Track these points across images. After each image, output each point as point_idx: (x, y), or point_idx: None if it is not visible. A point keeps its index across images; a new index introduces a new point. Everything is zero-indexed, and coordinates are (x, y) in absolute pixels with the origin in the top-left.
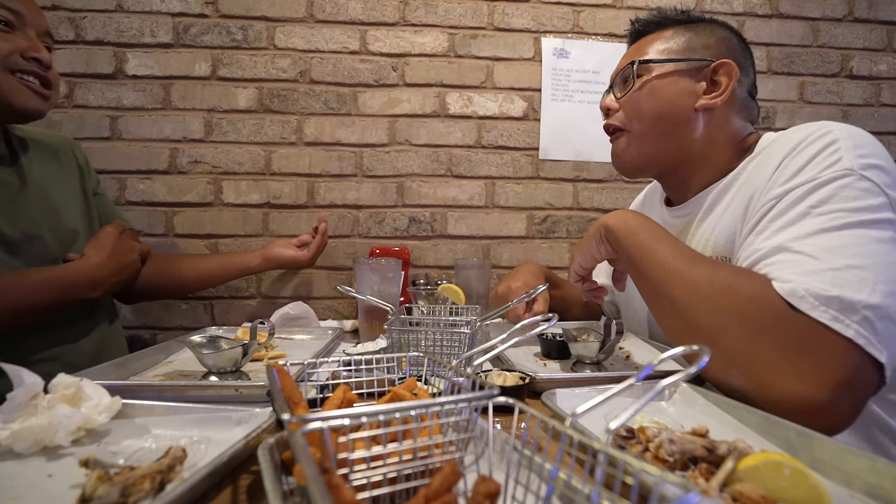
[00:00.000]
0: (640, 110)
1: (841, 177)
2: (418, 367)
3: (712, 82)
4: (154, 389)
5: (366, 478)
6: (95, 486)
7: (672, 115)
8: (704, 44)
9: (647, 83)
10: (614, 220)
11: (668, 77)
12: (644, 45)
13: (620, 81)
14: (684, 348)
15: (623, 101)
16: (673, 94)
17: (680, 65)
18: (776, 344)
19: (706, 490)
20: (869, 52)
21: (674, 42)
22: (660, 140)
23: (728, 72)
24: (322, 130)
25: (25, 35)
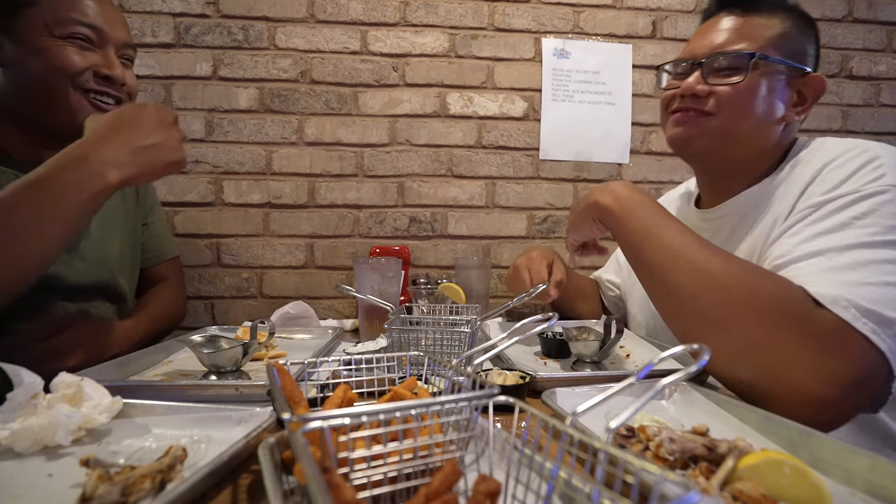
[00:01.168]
0: (739, 107)
1: (884, 192)
2: (418, 366)
3: (800, 94)
4: (155, 389)
5: (366, 477)
6: (96, 486)
7: (763, 121)
8: (804, 50)
9: (754, 80)
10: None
11: (772, 77)
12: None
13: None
14: (684, 347)
15: (722, 93)
16: (771, 99)
17: (786, 68)
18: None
19: (706, 489)
20: (868, 53)
21: (784, 36)
22: (743, 139)
23: (816, 87)
24: (323, 130)
25: (103, 52)
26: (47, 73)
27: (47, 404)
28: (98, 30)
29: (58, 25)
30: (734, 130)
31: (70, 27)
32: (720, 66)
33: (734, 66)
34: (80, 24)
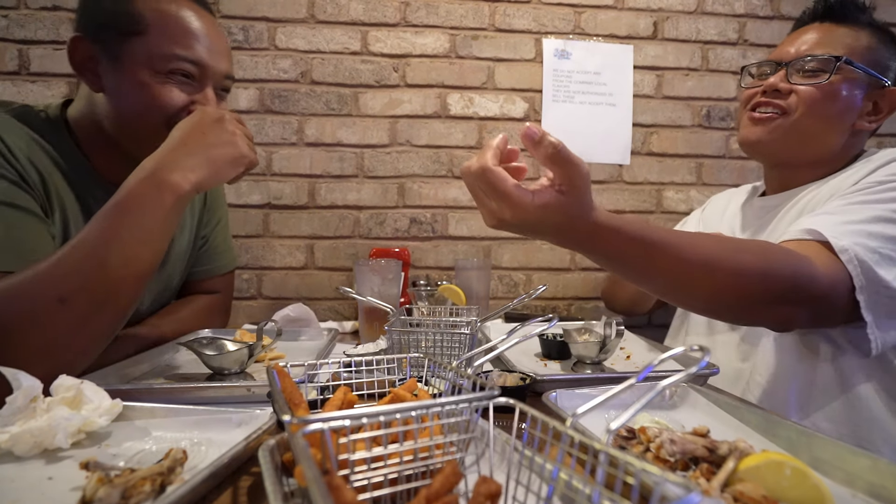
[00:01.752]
0: (816, 107)
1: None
2: (419, 368)
3: (875, 105)
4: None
5: (367, 479)
6: (96, 489)
7: (835, 123)
8: (886, 63)
9: (836, 83)
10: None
11: (853, 84)
12: (838, 36)
13: (803, 66)
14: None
15: (803, 91)
16: (848, 105)
17: (865, 76)
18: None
19: (707, 490)
20: None
21: (869, 48)
22: (811, 141)
23: (893, 100)
24: (323, 131)
25: (202, 87)
26: (144, 109)
27: (46, 407)
28: (200, 65)
29: (161, 60)
30: (807, 129)
31: (172, 63)
32: (804, 69)
33: (818, 68)
34: (184, 60)
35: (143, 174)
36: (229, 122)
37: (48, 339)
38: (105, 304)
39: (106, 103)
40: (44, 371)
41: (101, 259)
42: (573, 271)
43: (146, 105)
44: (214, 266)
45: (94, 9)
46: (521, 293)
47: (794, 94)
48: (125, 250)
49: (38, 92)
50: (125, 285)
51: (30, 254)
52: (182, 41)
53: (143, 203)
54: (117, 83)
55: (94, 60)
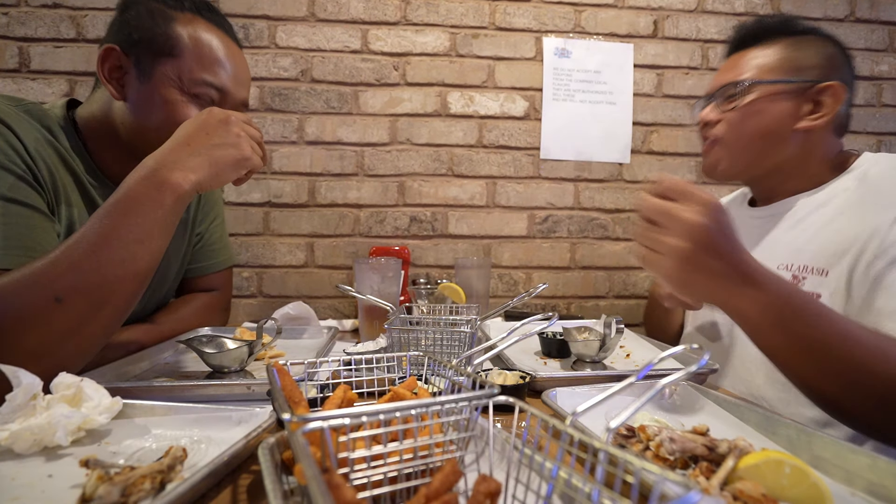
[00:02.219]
0: (742, 128)
1: None
2: (418, 366)
3: (816, 103)
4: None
5: (366, 477)
6: (96, 486)
7: (772, 134)
8: (812, 63)
9: (753, 102)
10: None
11: (775, 97)
12: (749, 60)
13: (723, 96)
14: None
15: (727, 116)
16: (777, 115)
17: (787, 85)
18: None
19: (707, 489)
20: (870, 53)
21: (781, 59)
22: (756, 155)
23: (834, 94)
24: (323, 129)
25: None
26: (164, 124)
27: (46, 405)
28: (223, 92)
29: (189, 83)
30: (742, 147)
31: (199, 87)
32: (725, 97)
33: (733, 94)
34: (210, 85)
35: (144, 172)
36: (235, 123)
37: (44, 339)
38: (103, 304)
39: (126, 112)
40: (40, 370)
41: (99, 258)
42: (573, 270)
43: (167, 120)
44: (211, 263)
45: (133, 25)
46: (520, 291)
47: (720, 123)
48: (123, 249)
49: (39, 89)
50: (123, 285)
51: (31, 251)
52: (211, 68)
53: (143, 202)
54: (143, 96)
55: (123, 71)
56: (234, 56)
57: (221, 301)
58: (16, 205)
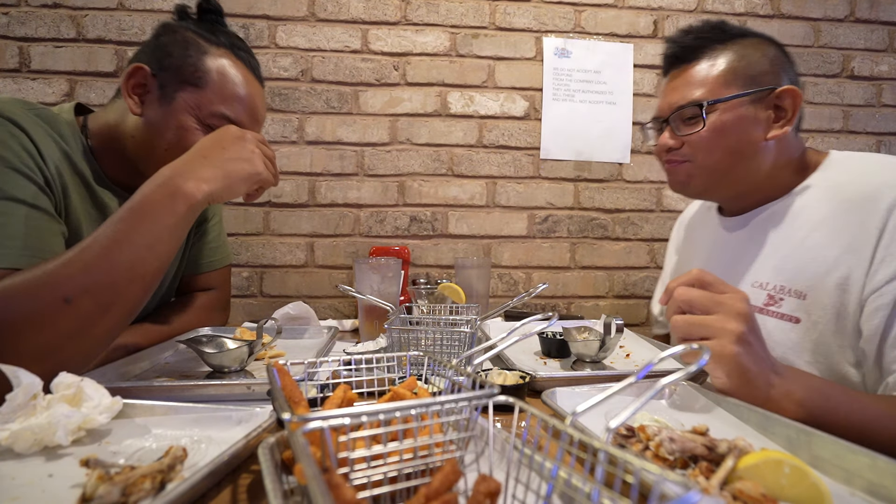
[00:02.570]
0: (709, 148)
1: None
2: (418, 366)
3: (777, 108)
4: (164, 390)
5: (366, 477)
6: (96, 486)
7: (743, 150)
8: (762, 69)
9: (717, 122)
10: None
11: (736, 111)
12: (696, 76)
13: (679, 119)
14: (684, 347)
15: (690, 140)
16: (743, 130)
17: (745, 98)
18: None
19: (706, 488)
20: (870, 53)
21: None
22: (729, 172)
23: (793, 96)
24: (323, 129)
25: None
26: (174, 147)
27: (46, 405)
28: (237, 124)
29: (207, 114)
30: (715, 167)
31: (215, 119)
32: (683, 119)
33: (693, 115)
34: (225, 118)
35: (160, 180)
36: (250, 140)
37: (50, 339)
38: (110, 306)
39: (139, 127)
40: (43, 370)
41: (109, 261)
42: (573, 270)
43: (177, 144)
44: (209, 261)
45: (166, 51)
46: (520, 291)
47: (686, 144)
48: (134, 253)
49: (39, 89)
50: (131, 288)
51: (41, 252)
52: (230, 103)
53: (156, 209)
54: (159, 117)
55: (146, 90)
56: (253, 95)
57: (220, 300)
58: (27, 207)
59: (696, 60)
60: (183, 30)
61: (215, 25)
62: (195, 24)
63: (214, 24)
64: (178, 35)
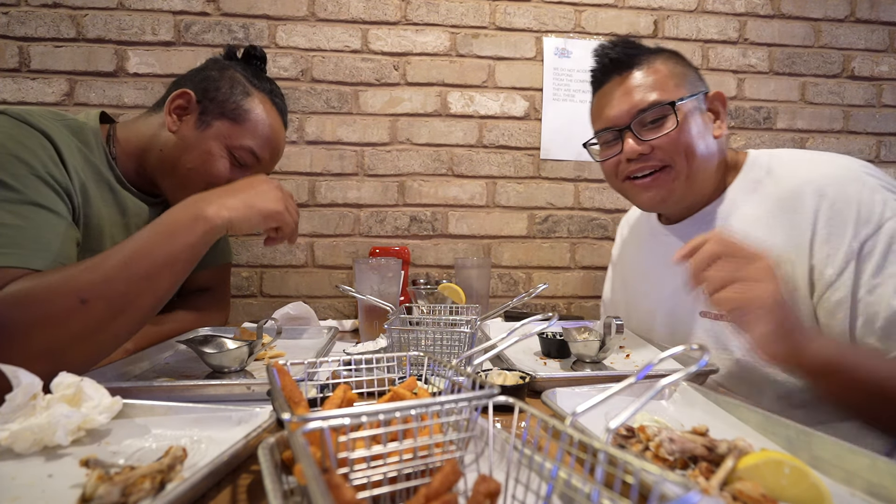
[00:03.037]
0: (684, 150)
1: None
2: (418, 366)
3: (712, 111)
4: (164, 390)
5: (366, 477)
6: (96, 486)
7: (705, 150)
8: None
9: (683, 121)
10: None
11: (695, 111)
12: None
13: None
14: (684, 347)
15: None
16: (706, 128)
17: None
18: None
19: (706, 489)
20: (870, 53)
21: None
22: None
23: (721, 100)
24: (323, 129)
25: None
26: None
27: (46, 405)
28: (259, 160)
29: (236, 145)
30: (692, 170)
31: (242, 152)
32: (646, 123)
33: (656, 117)
34: (250, 152)
35: (187, 203)
36: (280, 188)
37: (62, 338)
38: (121, 314)
39: (168, 143)
40: (49, 370)
41: (128, 269)
42: (573, 270)
43: (201, 165)
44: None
45: (214, 85)
46: (520, 292)
47: (657, 149)
48: (151, 267)
49: (38, 89)
50: (143, 299)
51: (58, 257)
52: (258, 141)
53: (178, 229)
54: (192, 138)
55: (187, 112)
56: (278, 139)
57: (220, 298)
58: (48, 212)
59: (636, 67)
60: (231, 69)
61: (259, 71)
62: (242, 66)
63: (258, 69)
64: (226, 73)
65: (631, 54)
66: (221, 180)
